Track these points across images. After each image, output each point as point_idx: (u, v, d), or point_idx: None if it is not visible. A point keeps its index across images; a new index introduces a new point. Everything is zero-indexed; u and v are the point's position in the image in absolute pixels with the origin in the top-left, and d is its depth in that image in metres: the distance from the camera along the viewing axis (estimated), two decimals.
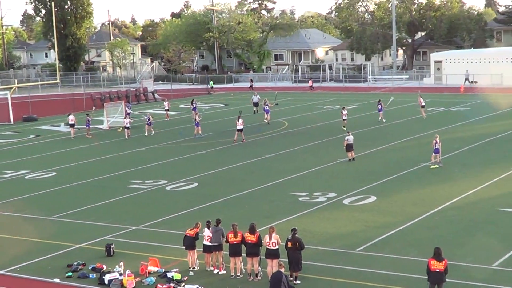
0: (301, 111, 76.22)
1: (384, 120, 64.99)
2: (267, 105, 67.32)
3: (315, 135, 58.38)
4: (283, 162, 47.78)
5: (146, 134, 61.66)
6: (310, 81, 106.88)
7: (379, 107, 66.36)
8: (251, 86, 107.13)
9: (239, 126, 55.67)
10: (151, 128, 62.56)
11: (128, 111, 70.39)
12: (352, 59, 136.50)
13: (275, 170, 44.93)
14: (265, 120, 66.00)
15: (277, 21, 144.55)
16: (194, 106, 71.95)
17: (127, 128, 61.26)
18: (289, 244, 24.92)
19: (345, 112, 61.12)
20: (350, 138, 46.89)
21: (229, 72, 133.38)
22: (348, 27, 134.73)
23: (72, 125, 63.62)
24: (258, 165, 47.09)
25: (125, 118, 62.82)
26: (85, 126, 64.27)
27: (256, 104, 76.20)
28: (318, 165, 45.69)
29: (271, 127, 62.96)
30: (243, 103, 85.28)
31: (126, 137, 60.67)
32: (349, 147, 46.73)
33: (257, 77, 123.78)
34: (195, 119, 60.48)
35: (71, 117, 64.22)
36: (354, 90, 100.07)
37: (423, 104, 67.69)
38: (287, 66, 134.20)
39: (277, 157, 49.60)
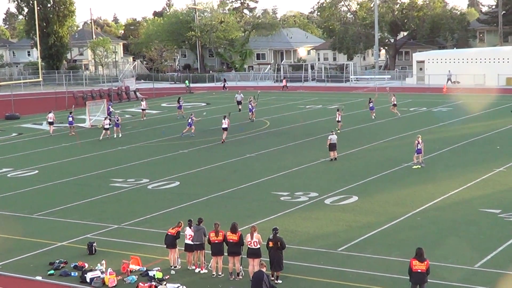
0: (283, 110, 76.34)
1: (374, 117, 66.05)
2: (251, 103, 67.49)
3: (297, 134, 58.49)
4: (265, 161, 47.86)
5: (115, 136, 60.72)
6: (284, 81, 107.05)
7: (371, 106, 67.01)
8: (224, 85, 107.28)
9: (224, 125, 55.65)
10: (119, 130, 61.54)
11: (110, 109, 70.31)
12: (335, 59, 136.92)
13: (257, 170, 45.01)
14: (249, 119, 66.20)
15: (259, 20, 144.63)
16: (180, 104, 72.18)
17: (106, 129, 60.49)
18: (271, 244, 25.00)
19: (340, 113, 59.78)
20: (333, 138, 47.02)
21: (211, 71, 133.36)
22: (330, 27, 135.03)
23: (51, 123, 63.87)
24: (240, 165, 47.15)
25: (105, 119, 62.07)
26: (67, 124, 64.27)
27: (239, 103, 76.35)
28: (300, 165, 45.80)
29: (253, 126, 63.03)
30: (225, 102, 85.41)
31: (101, 138, 59.71)
32: (332, 147, 46.85)
33: (239, 76, 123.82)
34: (192, 119, 59.85)
35: (50, 115, 64.39)
36: (337, 90, 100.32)
37: (395, 102, 68.30)
38: (269, 66, 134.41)
39: (258, 156, 49.68)
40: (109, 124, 60.50)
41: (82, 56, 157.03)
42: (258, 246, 25.06)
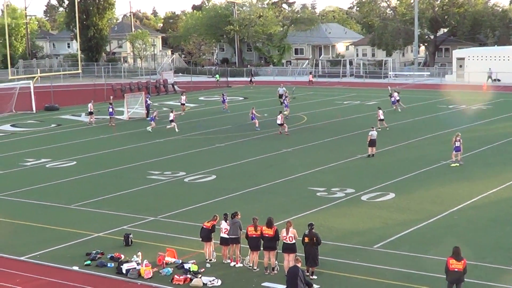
0: (320, 106, 76.12)
1: (399, 110, 66.27)
2: (286, 99, 67.42)
3: (334, 130, 58.31)
4: (301, 156, 47.79)
5: (150, 130, 60.94)
6: (310, 76, 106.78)
7: (393, 100, 67.73)
8: (251, 80, 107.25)
9: (278, 121, 55.62)
10: (154, 124, 61.75)
11: (148, 102, 70.61)
12: (373, 55, 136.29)
13: (293, 165, 44.95)
14: (284, 113, 65.94)
15: (298, 15, 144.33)
16: (224, 98, 72.42)
17: (171, 121, 60.60)
18: (306, 239, 24.97)
19: (381, 111, 59.39)
20: (374, 133, 46.87)
21: (249, 66, 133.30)
22: (370, 22, 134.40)
23: (90, 113, 64.67)
24: (277, 159, 47.13)
25: (171, 111, 62.57)
26: (108, 116, 65.18)
27: (281, 96, 76.54)
28: (337, 161, 45.68)
29: (290, 122, 62.89)
30: (262, 96, 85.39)
31: (167, 128, 60.29)
32: (372, 143, 46.71)
33: (276, 71, 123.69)
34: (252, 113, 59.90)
35: (90, 104, 65.16)
36: (374, 86, 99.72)
37: (398, 98, 69.75)
38: (307, 61, 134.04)
39: (295, 151, 49.61)
40: (174, 116, 61.23)
41: (121, 49, 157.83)
42: (294, 241, 25.05)
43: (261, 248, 25.83)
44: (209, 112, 70.59)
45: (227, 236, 26.58)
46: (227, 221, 26.76)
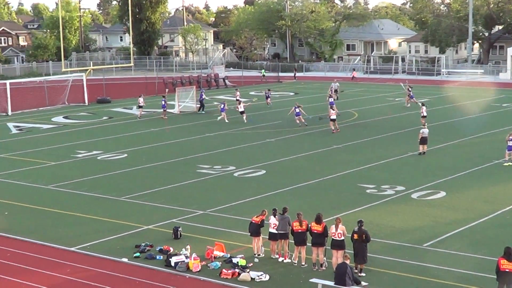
0: (371, 102, 75.70)
1: (408, 105, 68.29)
2: (331, 97, 66.98)
3: (385, 127, 57.95)
4: (352, 153, 47.59)
5: (220, 120, 61.77)
6: (354, 72, 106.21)
7: (412, 94, 70.04)
8: (294, 75, 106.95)
9: (333, 116, 55.37)
10: (225, 115, 62.52)
11: (203, 96, 70.87)
12: (426, 52, 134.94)
13: (343, 161, 44.80)
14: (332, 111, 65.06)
15: (351, 11, 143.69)
16: (267, 94, 72.42)
17: (242, 112, 62.15)
18: (355, 236, 24.87)
19: (424, 107, 58.95)
20: (425, 131, 46.49)
21: (300, 61, 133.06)
22: (423, 19, 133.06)
23: (140, 107, 65.05)
24: (327, 155, 46.99)
25: (239, 103, 63.81)
26: (162, 109, 66.07)
27: (336, 91, 76.56)
28: (387, 158, 45.40)
29: (341, 118, 62.63)
30: (313, 91, 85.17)
31: (245, 121, 61.18)
32: (423, 140, 46.33)
33: (328, 66, 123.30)
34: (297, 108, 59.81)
35: (140, 99, 65.61)
36: (427, 83, 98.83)
37: (409, 93, 70.99)
38: (359, 57, 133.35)
39: (345, 148, 49.42)
40: (244, 107, 62.35)
41: (173, 43, 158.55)
42: (343, 238, 24.97)
43: (307, 243, 25.80)
44: (260, 107, 70.53)
45: (276, 231, 26.57)
46: (276, 216, 26.75)
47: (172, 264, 25.93)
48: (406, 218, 32.00)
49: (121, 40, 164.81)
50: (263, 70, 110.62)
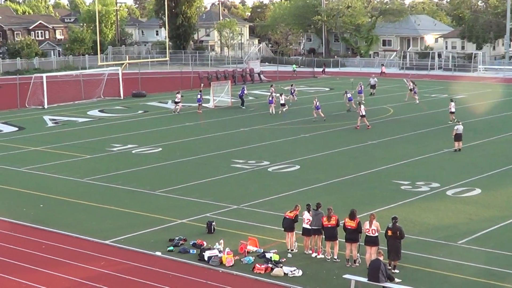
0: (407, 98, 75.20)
1: (406, 100, 68.85)
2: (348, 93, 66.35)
3: (421, 123, 57.58)
4: (386, 149, 47.39)
5: (272, 112, 62.96)
6: (383, 67, 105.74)
7: (415, 90, 70.87)
8: (323, 70, 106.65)
9: (362, 112, 55.16)
10: (273, 106, 63.15)
11: (245, 91, 71.02)
12: (463, 48, 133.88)
13: (377, 157, 44.62)
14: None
15: (387, 6, 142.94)
16: (293, 91, 72.40)
17: (283, 104, 63.37)
18: (389, 233, 24.75)
19: (453, 103, 58.83)
20: (459, 128, 46.15)
21: (336, 56, 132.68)
22: (460, 15, 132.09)
23: (177, 102, 65.47)
24: (361, 151, 46.84)
25: (280, 95, 64.74)
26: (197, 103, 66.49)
27: (373, 87, 76.51)
28: (422, 154, 45.13)
29: (376, 113, 62.42)
30: (348, 87, 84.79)
31: (283, 111, 62.10)
32: (457, 137, 45.99)
33: (363, 62, 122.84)
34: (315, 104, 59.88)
35: (178, 95, 65.73)
36: (463, 80, 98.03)
37: (411, 87, 71.44)
38: (395, 52, 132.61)
39: (380, 144, 49.22)
40: (285, 99, 63.70)
41: (209, 37, 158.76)
42: (376, 234, 24.87)
43: (341, 239, 25.75)
44: (295, 102, 70.37)
45: (309, 227, 26.54)
46: (310, 212, 26.71)
47: (206, 258, 25.99)
48: (441, 215, 31.80)
49: (157, 34, 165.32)
50: (294, 65, 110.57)
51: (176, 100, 65.96)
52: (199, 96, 66.05)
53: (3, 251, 27.50)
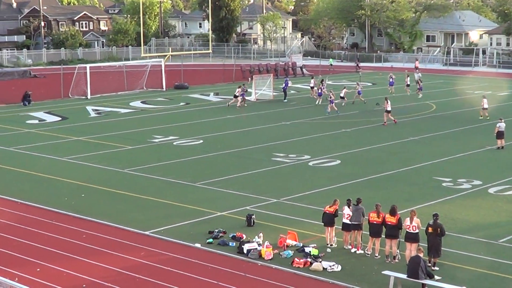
0: (450, 95, 74.66)
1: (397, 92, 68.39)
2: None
3: (463, 120, 57.10)
4: (428, 145, 47.07)
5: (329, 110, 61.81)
6: (416, 62, 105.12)
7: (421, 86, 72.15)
8: (357, 65, 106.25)
9: (388, 108, 54.88)
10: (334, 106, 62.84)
11: (289, 84, 70.90)
12: (508, 44, 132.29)
13: (419, 153, 44.35)
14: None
15: (432, 1, 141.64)
16: (322, 86, 72.30)
17: (342, 97, 63.77)
18: (430, 230, 24.60)
19: (485, 100, 58.08)
20: (501, 125, 45.68)
21: (378, 51, 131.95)
22: (506, 11, 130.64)
23: (236, 96, 65.14)
24: (402, 147, 46.58)
25: (343, 88, 65.26)
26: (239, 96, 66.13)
27: (417, 82, 76.42)
28: (465, 151, 44.77)
29: (418, 110, 62.03)
30: (397, 82, 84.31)
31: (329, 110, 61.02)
32: (500, 134, 45.54)
33: (406, 57, 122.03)
34: (330, 97, 59.95)
35: (239, 89, 65.25)
36: (508, 77, 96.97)
37: (408, 83, 72.83)
38: (439, 48, 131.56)
39: (422, 140, 48.90)
40: (344, 93, 63.99)
41: (252, 30, 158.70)
42: (417, 230, 24.74)
43: (383, 236, 25.65)
44: (337, 97, 70.08)
45: (349, 222, 26.48)
46: (350, 207, 26.64)
47: (245, 251, 26.04)
48: (482, 213, 31.53)
49: (200, 26, 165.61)
50: (330, 60, 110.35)
51: (236, 94, 65.42)
52: (243, 91, 65.75)
53: (44, 239, 27.81)
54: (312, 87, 72.42)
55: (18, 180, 37.74)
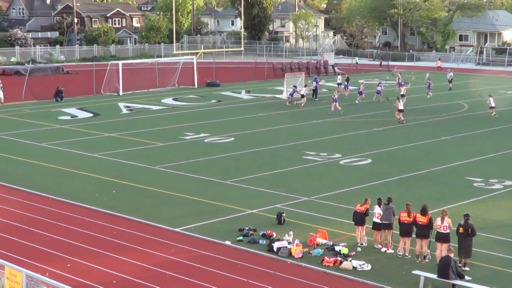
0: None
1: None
2: (380, 85, 67.11)
3: (495, 120, 56.67)
4: (460, 145, 46.81)
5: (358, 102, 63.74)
6: (438, 61, 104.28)
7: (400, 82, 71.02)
8: (381, 63, 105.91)
9: (400, 107, 54.81)
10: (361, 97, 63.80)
11: (318, 82, 70.85)
12: None
13: (451, 153, 44.10)
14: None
15: (465, 1, 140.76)
16: (347, 84, 72.26)
17: (378, 93, 64.00)
18: (461, 230, 24.46)
19: (491, 99, 58.57)
20: None
21: (411, 50, 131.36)
22: None
23: (302, 96, 64.19)
24: (434, 147, 46.34)
25: (380, 82, 65.57)
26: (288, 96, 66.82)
27: (450, 81, 76.46)
28: (497, 151, 44.45)
29: (451, 109, 61.69)
30: (421, 82, 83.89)
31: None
32: None
33: (439, 56, 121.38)
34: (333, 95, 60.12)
35: (305, 88, 65.07)
36: None
37: (402, 82, 71.35)
38: (472, 48, 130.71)
39: (454, 140, 48.63)
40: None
41: (284, 28, 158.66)
42: (448, 230, 24.60)
43: (413, 235, 25.55)
44: (368, 95, 69.79)
45: (380, 221, 26.40)
46: (381, 206, 26.56)
47: (275, 249, 26.04)
48: None
49: (233, 24, 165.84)
50: (356, 58, 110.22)
51: (303, 93, 64.41)
52: (292, 91, 66.17)
53: (75, 235, 28.00)
54: (339, 84, 72.54)
55: (50, 176, 38.04)
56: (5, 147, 45.38)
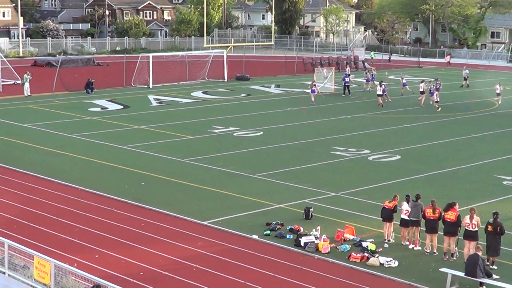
0: None
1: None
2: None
3: None
4: (490, 143, 46.53)
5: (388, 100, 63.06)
6: (448, 57, 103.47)
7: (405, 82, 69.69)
8: (389, 59, 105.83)
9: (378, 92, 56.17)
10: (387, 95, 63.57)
11: (348, 76, 70.74)
12: None
13: (480, 151, 43.88)
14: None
15: None
16: (368, 78, 72.14)
17: (380, 95, 62.11)
18: (489, 228, 24.33)
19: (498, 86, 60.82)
20: None
21: (442, 47, 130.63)
22: None
23: (379, 95, 62.52)
24: (464, 144, 46.11)
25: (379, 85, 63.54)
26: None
27: (465, 79, 76.13)
28: None
29: (481, 107, 61.31)
30: (452, 78, 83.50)
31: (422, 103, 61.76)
32: None
33: (470, 53, 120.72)
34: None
35: (378, 87, 63.25)
36: None
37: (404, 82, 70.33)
38: (503, 45, 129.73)
39: (484, 137, 48.35)
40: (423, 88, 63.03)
41: (314, 23, 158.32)
42: (476, 229, 24.47)
43: (439, 232, 25.46)
44: (398, 91, 69.51)
45: (408, 218, 26.33)
46: (409, 203, 26.48)
47: (302, 244, 26.05)
48: None
49: (263, 18, 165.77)
50: (372, 52, 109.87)
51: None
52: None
53: (104, 226, 28.19)
54: (369, 80, 72.73)
55: (80, 167, 38.29)
56: (36, 138, 45.75)
